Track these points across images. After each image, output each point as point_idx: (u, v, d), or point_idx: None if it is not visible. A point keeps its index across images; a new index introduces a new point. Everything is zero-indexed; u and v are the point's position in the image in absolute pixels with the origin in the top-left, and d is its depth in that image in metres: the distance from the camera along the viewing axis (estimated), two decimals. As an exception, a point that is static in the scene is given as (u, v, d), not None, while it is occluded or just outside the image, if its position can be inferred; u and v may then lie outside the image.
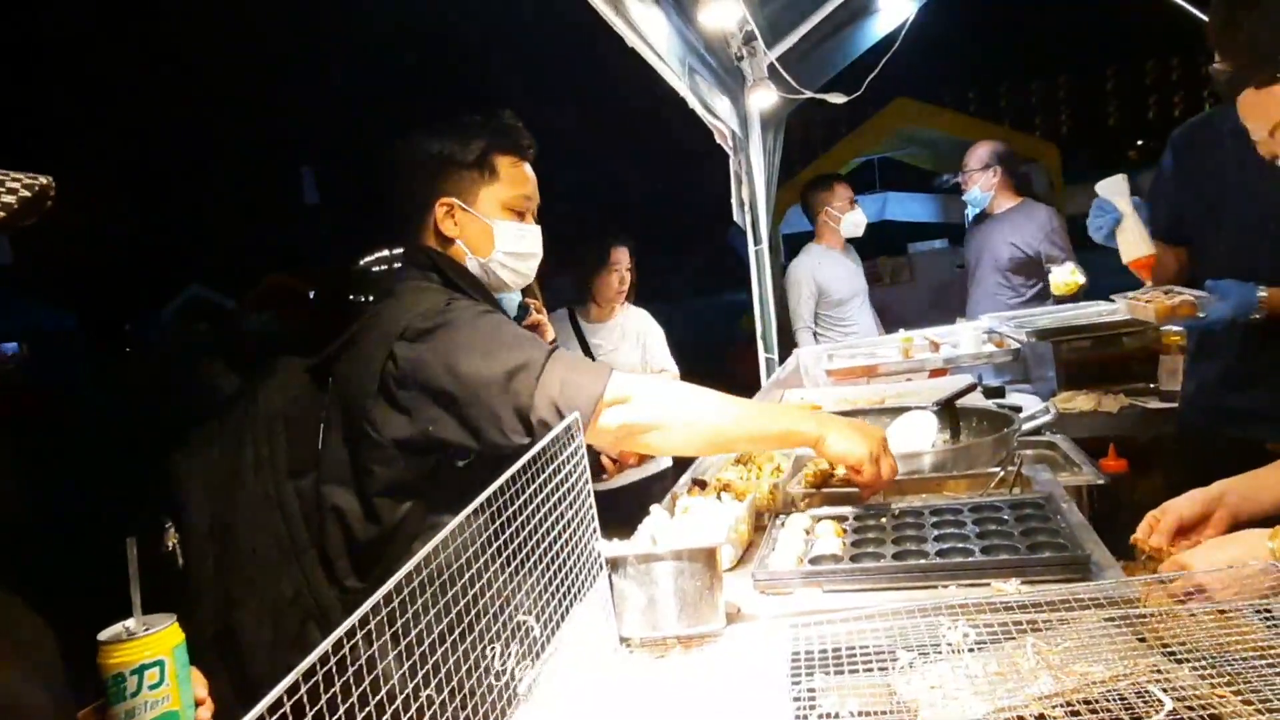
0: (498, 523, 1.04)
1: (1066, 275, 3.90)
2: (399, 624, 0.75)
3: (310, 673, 0.62)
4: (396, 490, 1.50)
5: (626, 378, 1.50)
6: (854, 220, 4.65)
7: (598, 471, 2.69)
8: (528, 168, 1.73)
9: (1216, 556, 1.23)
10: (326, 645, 0.64)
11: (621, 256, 3.74)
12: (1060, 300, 4.01)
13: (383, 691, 0.69)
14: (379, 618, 0.72)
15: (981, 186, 4.50)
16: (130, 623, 1.05)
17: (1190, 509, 1.43)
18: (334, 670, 0.64)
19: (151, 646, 1.03)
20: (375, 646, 0.71)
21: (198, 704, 1.12)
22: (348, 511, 1.53)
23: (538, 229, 1.75)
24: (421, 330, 1.47)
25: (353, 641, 0.67)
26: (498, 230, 1.69)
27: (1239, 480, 1.45)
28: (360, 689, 0.67)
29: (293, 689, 0.60)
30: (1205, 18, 2.80)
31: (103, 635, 1.03)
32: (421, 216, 1.69)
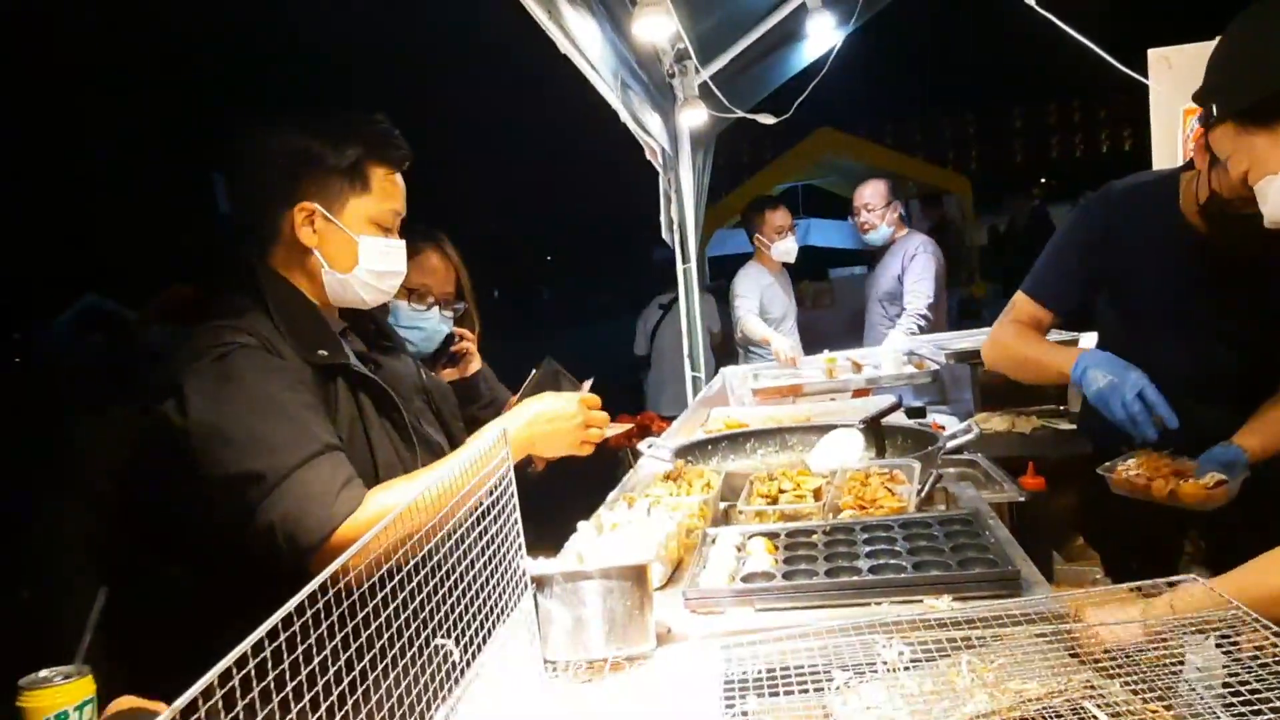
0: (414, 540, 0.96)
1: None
2: (297, 653, 0.67)
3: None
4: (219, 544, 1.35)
5: (372, 511, 1.31)
6: (782, 248, 4.61)
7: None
8: (400, 179, 1.59)
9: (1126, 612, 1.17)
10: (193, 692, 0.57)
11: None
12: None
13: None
14: (259, 656, 0.64)
15: (887, 222, 4.50)
16: (58, 670, 0.95)
17: None
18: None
19: (67, 696, 0.94)
20: (267, 681, 0.63)
21: None
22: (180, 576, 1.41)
23: (403, 244, 1.61)
24: (193, 383, 1.35)
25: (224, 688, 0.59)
26: (362, 246, 1.54)
27: None
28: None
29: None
30: (1111, 61, 2.89)
31: (22, 681, 0.94)
32: (273, 219, 1.52)
